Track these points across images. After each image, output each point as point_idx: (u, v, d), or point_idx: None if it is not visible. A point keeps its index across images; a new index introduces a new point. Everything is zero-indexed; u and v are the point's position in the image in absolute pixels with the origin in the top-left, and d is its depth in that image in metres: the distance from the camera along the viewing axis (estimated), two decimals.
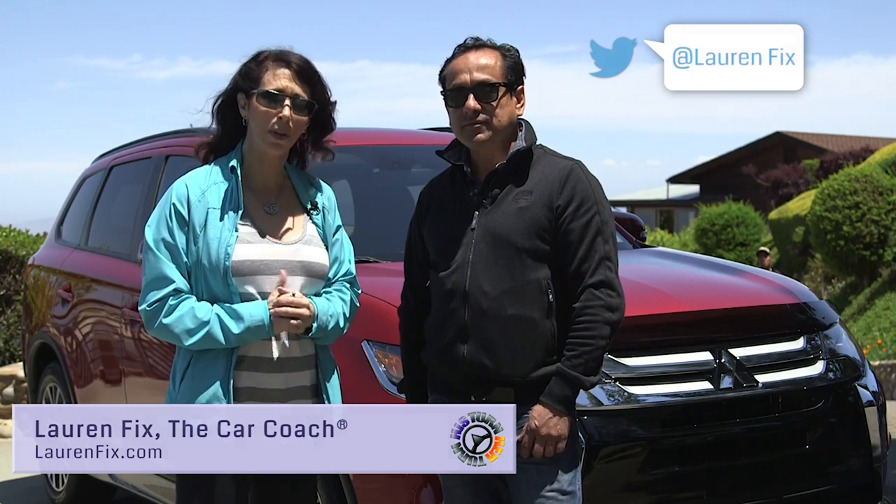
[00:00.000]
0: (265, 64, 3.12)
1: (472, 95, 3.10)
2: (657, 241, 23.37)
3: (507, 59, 3.16)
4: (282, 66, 3.11)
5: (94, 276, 5.96)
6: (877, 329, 12.97)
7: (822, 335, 4.15)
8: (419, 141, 5.55)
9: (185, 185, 3.12)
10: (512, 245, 3.06)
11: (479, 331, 3.06)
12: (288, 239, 3.15)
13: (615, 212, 5.82)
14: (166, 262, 3.07)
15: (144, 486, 5.43)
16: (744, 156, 37.62)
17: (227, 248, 3.05)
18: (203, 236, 3.06)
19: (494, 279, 3.06)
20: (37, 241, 11.04)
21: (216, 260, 3.05)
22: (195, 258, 3.07)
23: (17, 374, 9.35)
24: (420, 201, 3.33)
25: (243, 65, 3.17)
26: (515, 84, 3.16)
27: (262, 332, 3.03)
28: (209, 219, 3.08)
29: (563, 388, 3.01)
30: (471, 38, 3.19)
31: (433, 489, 3.47)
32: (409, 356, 3.33)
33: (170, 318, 3.04)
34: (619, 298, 3.06)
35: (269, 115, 3.08)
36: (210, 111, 3.22)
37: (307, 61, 3.16)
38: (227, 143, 3.23)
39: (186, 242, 3.08)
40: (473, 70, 3.12)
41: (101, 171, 6.54)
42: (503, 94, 3.12)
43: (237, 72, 3.17)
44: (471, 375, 3.09)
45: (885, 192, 14.79)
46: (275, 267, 3.08)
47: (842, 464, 4.02)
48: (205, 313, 3.02)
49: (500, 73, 3.13)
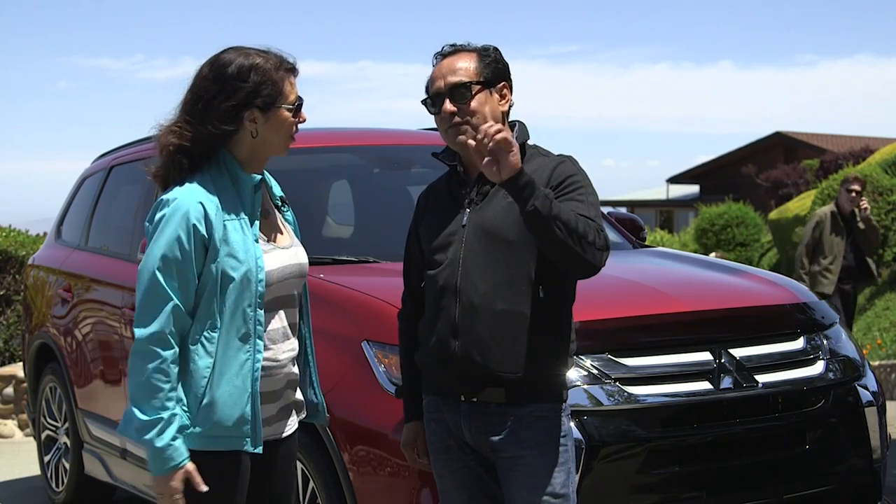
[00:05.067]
0: (279, 75, 3.06)
1: (447, 99, 3.13)
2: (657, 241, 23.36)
3: (484, 59, 3.17)
4: (293, 74, 3.12)
5: (94, 277, 5.96)
6: (877, 329, 12.96)
7: (822, 335, 4.15)
8: (419, 141, 5.56)
9: (201, 204, 2.96)
10: (502, 239, 3.07)
11: (469, 327, 3.06)
12: (284, 243, 3.15)
13: (615, 212, 5.83)
14: (177, 292, 2.93)
15: (144, 486, 5.43)
16: (744, 156, 37.60)
17: (257, 261, 2.99)
18: (224, 252, 2.96)
19: (485, 274, 3.07)
20: (37, 241, 11.03)
21: (248, 275, 2.97)
22: (214, 276, 2.96)
23: (17, 374, 9.35)
24: (418, 205, 3.36)
25: (242, 79, 3.01)
26: (495, 81, 3.17)
27: (157, 463, 2.92)
28: (228, 233, 2.98)
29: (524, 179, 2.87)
30: (448, 45, 3.23)
31: (432, 489, 3.47)
32: (407, 361, 3.34)
33: (154, 376, 2.90)
34: (606, 240, 2.99)
35: (292, 123, 3.09)
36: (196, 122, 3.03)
37: None
38: (202, 154, 3.06)
39: (203, 263, 2.96)
40: (447, 75, 3.15)
41: (101, 171, 6.54)
42: (478, 91, 3.13)
43: (236, 88, 3.00)
44: (462, 373, 3.09)
45: (885, 192, 14.78)
46: (288, 274, 3.10)
47: (842, 464, 4.02)
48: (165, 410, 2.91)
49: (475, 72, 3.15)
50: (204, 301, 2.97)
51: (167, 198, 2.98)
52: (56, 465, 6.40)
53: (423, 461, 3.33)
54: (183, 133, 3.02)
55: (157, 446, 2.90)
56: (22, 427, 9.32)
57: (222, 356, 2.96)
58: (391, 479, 3.71)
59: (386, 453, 3.70)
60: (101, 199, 6.41)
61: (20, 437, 9.26)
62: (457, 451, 3.18)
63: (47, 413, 6.51)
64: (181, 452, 2.92)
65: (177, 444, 2.92)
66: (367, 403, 3.72)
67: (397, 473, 3.67)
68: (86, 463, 6.04)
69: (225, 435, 2.98)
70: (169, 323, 2.91)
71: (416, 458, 3.36)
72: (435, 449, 3.23)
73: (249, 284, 2.98)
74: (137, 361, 2.92)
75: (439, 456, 3.23)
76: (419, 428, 3.31)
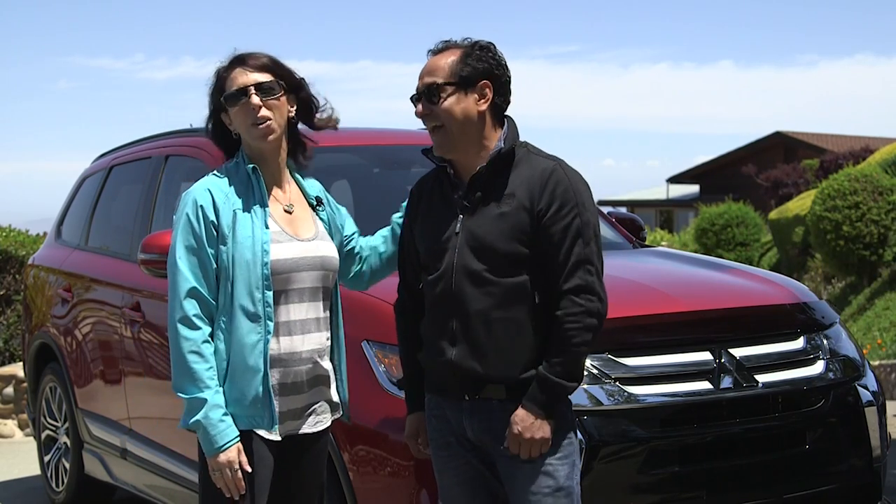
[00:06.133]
0: (221, 76, 3.23)
1: (421, 100, 3.14)
2: (657, 241, 23.36)
3: (467, 57, 3.12)
4: (236, 66, 3.21)
5: (94, 276, 5.96)
6: (877, 329, 12.95)
7: (822, 335, 4.15)
8: (419, 141, 5.55)
9: (208, 190, 3.15)
10: (495, 250, 3.07)
11: (466, 335, 3.08)
12: (306, 235, 3.24)
13: (615, 212, 5.82)
14: (197, 276, 3.09)
15: (144, 486, 5.43)
16: (744, 156, 37.58)
17: (263, 246, 3.11)
18: (232, 238, 3.11)
19: (480, 284, 3.07)
20: (37, 241, 11.03)
21: (253, 259, 3.09)
22: (225, 262, 3.11)
23: (17, 374, 9.35)
24: (410, 199, 3.36)
25: (211, 89, 3.26)
26: (473, 81, 3.12)
27: (207, 444, 3.07)
28: (238, 220, 3.12)
29: (543, 394, 3.02)
30: (441, 42, 3.20)
31: (432, 489, 3.47)
32: (407, 353, 3.35)
33: (188, 357, 3.06)
34: (600, 303, 3.05)
35: (245, 112, 3.16)
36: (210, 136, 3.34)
37: (262, 54, 3.24)
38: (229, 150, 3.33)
39: (217, 249, 3.12)
40: (424, 75, 3.15)
41: (101, 171, 6.54)
42: (450, 92, 3.10)
43: (210, 98, 3.26)
44: (461, 377, 3.10)
45: (885, 192, 14.76)
46: (303, 265, 3.17)
47: (842, 464, 4.02)
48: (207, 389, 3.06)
49: (449, 72, 3.11)
50: (221, 287, 3.12)
51: (184, 192, 3.20)
52: (56, 465, 6.40)
53: (427, 452, 3.34)
54: None
55: (207, 424, 3.05)
56: (22, 427, 9.32)
57: (236, 338, 3.09)
58: (391, 478, 3.71)
59: (386, 453, 3.71)
60: (101, 199, 6.41)
61: (20, 437, 9.26)
62: (458, 448, 3.19)
63: (47, 413, 6.51)
64: (231, 431, 3.06)
65: (226, 422, 3.06)
66: (366, 403, 3.72)
67: (397, 473, 3.68)
68: (86, 463, 6.04)
69: (240, 414, 3.10)
70: (192, 307, 3.07)
71: (419, 449, 3.36)
72: (436, 446, 3.24)
73: (255, 268, 3.09)
74: (173, 347, 3.09)
75: (440, 453, 3.23)
76: (421, 419, 3.32)
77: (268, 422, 3.12)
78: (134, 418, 5.43)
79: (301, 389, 3.21)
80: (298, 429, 3.23)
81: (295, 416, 3.21)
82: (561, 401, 3.08)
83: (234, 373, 3.10)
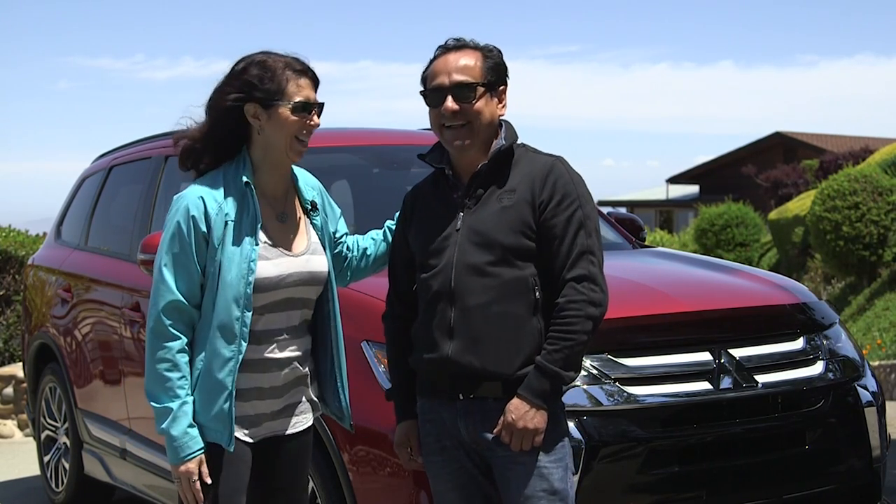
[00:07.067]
0: (284, 74, 3.11)
1: (450, 96, 3.11)
2: (657, 241, 23.35)
3: (487, 60, 3.15)
4: (303, 76, 3.13)
5: (94, 277, 5.96)
6: (877, 329, 12.95)
7: (822, 335, 4.15)
8: (419, 141, 5.55)
9: (202, 199, 3.07)
10: (497, 243, 3.07)
11: (465, 330, 3.06)
12: (297, 249, 3.19)
13: (615, 212, 5.82)
14: (179, 286, 3.04)
15: (144, 486, 5.43)
16: (743, 156, 37.59)
17: (250, 264, 3.06)
18: (222, 251, 3.05)
19: (480, 278, 3.06)
20: (37, 241, 11.03)
21: (238, 276, 3.04)
22: (211, 274, 3.06)
23: (16, 375, 9.35)
24: (404, 206, 3.34)
25: (247, 73, 3.11)
26: (496, 84, 3.16)
27: (170, 452, 3.06)
28: (227, 232, 3.06)
29: (541, 382, 3.00)
30: (452, 39, 3.20)
31: (430, 490, 3.46)
32: (397, 362, 3.33)
33: (160, 365, 3.04)
34: (602, 293, 3.05)
35: (299, 125, 3.11)
36: (208, 115, 3.17)
37: (314, 69, 3.20)
38: (220, 149, 3.17)
39: (206, 260, 3.07)
40: (452, 71, 3.13)
41: (101, 171, 6.54)
42: (482, 94, 3.12)
43: (240, 81, 3.11)
44: (457, 375, 3.09)
45: (885, 192, 14.76)
46: (289, 281, 3.13)
47: (841, 464, 4.02)
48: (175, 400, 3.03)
49: (480, 73, 3.13)
50: (205, 297, 3.08)
51: (176, 196, 3.13)
52: (56, 465, 6.40)
53: (418, 461, 3.32)
54: (196, 129, 3.18)
55: (171, 435, 3.03)
56: (22, 427, 9.32)
57: (209, 351, 3.06)
58: (391, 479, 3.71)
59: (385, 453, 3.70)
60: (100, 199, 6.41)
61: (20, 437, 9.26)
62: (452, 452, 3.17)
63: (47, 413, 6.51)
64: (195, 443, 3.04)
65: (191, 434, 3.03)
66: (366, 403, 3.71)
67: (397, 473, 3.67)
68: (85, 463, 6.04)
69: (208, 426, 3.08)
70: (171, 316, 3.04)
71: (409, 457, 3.34)
72: (430, 451, 3.22)
73: (238, 286, 3.04)
74: (148, 354, 3.07)
75: (434, 458, 3.21)
76: (412, 427, 3.29)
77: (226, 439, 3.07)
78: (133, 418, 5.43)
79: (278, 393, 3.18)
80: (277, 430, 3.20)
81: (273, 417, 3.19)
82: (557, 392, 3.07)
83: (202, 384, 3.06)
